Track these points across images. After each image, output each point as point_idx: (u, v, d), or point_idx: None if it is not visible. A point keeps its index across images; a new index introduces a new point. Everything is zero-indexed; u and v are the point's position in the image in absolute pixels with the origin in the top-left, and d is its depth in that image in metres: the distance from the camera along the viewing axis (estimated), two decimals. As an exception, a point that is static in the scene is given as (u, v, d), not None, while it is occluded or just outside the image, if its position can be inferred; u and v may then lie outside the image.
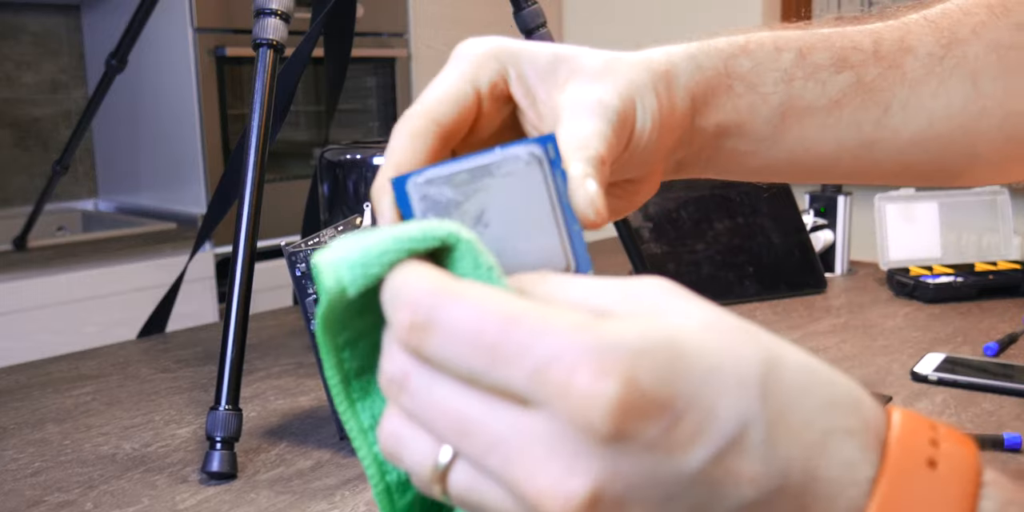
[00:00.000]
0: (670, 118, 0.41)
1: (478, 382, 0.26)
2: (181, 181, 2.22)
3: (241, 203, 0.82)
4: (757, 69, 0.44)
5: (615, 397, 0.24)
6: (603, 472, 0.24)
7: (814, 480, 0.26)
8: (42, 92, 2.33)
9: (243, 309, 0.79)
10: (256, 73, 0.85)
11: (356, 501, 0.69)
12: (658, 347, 0.25)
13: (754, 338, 0.27)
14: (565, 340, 0.24)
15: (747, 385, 0.25)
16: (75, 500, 0.70)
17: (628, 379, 0.24)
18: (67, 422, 0.86)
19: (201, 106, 2.14)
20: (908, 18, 0.48)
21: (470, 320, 0.25)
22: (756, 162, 0.46)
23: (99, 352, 1.07)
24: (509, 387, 0.25)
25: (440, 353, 0.26)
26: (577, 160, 0.35)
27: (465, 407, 0.26)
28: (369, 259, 0.28)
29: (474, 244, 0.29)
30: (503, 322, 0.25)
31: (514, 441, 0.25)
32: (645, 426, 0.24)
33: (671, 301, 0.27)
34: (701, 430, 0.25)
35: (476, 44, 0.40)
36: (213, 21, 2.15)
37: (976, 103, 0.46)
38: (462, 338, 0.25)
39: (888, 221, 1.34)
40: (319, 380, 0.94)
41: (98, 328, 1.81)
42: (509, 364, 0.25)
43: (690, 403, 0.25)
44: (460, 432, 0.26)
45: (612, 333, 0.25)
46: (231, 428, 0.75)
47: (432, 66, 2.61)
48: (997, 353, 1.00)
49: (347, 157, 1.00)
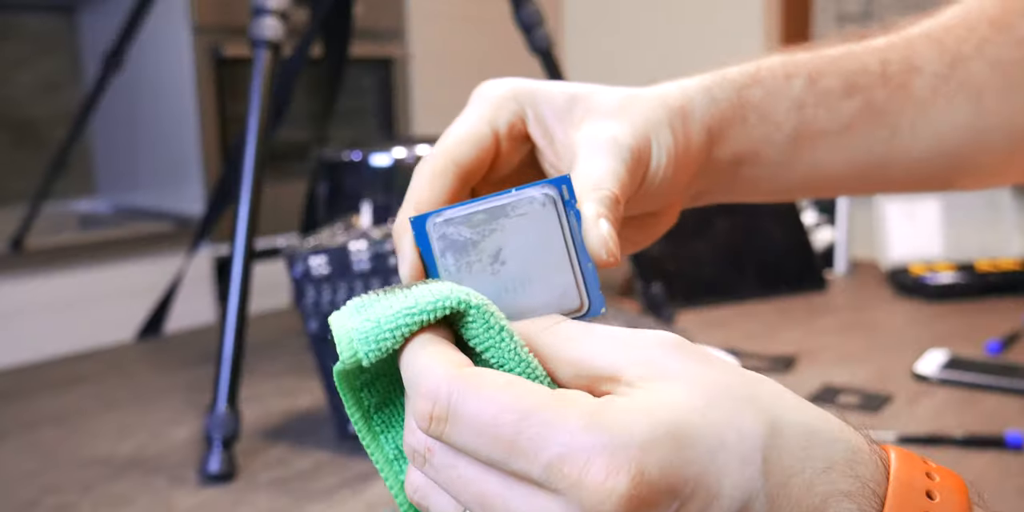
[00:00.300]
0: (686, 153, 0.42)
1: (498, 468, 0.27)
2: (179, 181, 2.21)
3: (239, 203, 0.81)
4: (769, 99, 0.45)
5: (625, 492, 0.26)
6: None
7: None
8: (39, 92, 2.33)
9: (241, 309, 0.79)
10: (254, 73, 0.85)
11: (355, 501, 0.69)
12: (665, 437, 0.26)
13: (755, 406, 0.28)
14: (577, 436, 0.26)
15: (749, 461, 0.27)
16: (73, 502, 0.70)
17: (637, 473, 0.26)
18: (64, 423, 0.85)
19: (199, 106, 2.14)
20: (911, 34, 0.48)
21: (487, 415, 0.27)
22: (771, 185, 0.47)
23: (97, 353, 1.07)
24: (528, 474, 0.27)
25: (460, 442, 0.28)
26: (591, 201, 0.35)
27: (485, 484, 0.28)
28: (382, 334, 0.30)
29: (484, 309, 0.31)
30: (518, 417, 0.27)
31: None
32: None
33: (678, 366, 0.29)
34: (707, 510, 0.26)
35: (495, 86, 0.41)
36: (211, 21, 2.15)
37: (982, 120, 0.48)
38: (480, 431, 0.27)
39: (889, 220, 1.34)
40: (318, 380, 0.93)
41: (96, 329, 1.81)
42: (525, 457, 0.27)
43: (696, 487, 0.26)
44: (481, 504, 0.28)
45: (621, 428, 0.26)
46: (230, 429, 0.74)
47: (431, 66, 2.61)
48: (999, 352, 0.99)
49: (345, 157, 1.00)
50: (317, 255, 0.76)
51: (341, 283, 0.75)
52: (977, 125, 0.48)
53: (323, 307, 0.76)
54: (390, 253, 0.74)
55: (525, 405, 0.27)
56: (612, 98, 0.41)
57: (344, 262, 0.75)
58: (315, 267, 0.76)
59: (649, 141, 0.40)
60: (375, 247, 0.74)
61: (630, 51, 2.96)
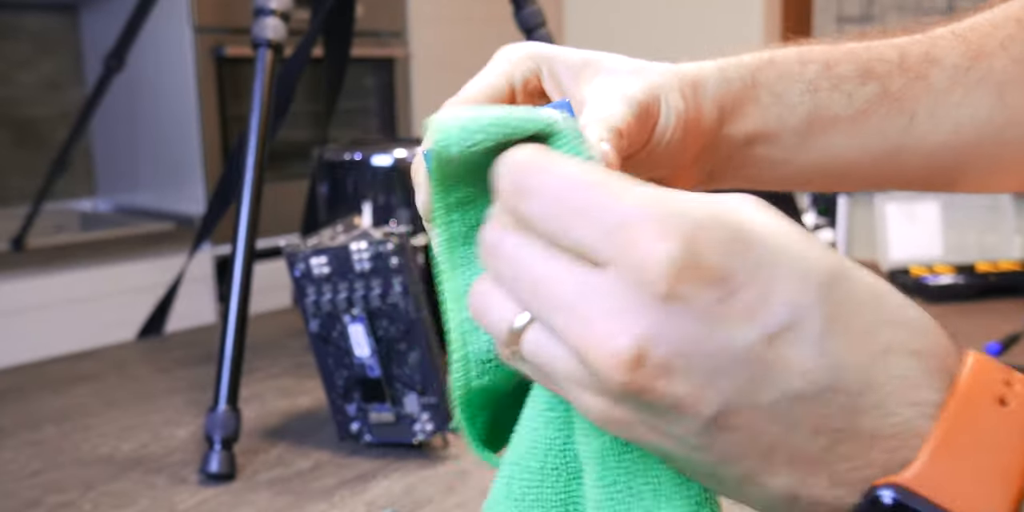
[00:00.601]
0: (696, 122, 0.42)
1: (559, 243, 0.27)
2: (180, 181, 2.21)
3: (240, 203, 0.81)
4: (783, 80, 0.45)
5: (673, 258, 0.25)
6: (652, 330, 0.25)
7: (869, 388, 0.26)
8: (41, 92, 2.33)
9: (242, 309, 0.79)
10: (255, 73, 0.85)
11: (355, 502, 0.69)
12: (724, 224, 0.26)
13: (831, 251, 0.27)
14: (639, 205, 0.26)
15: (810, 280, 0.26)
16: (73, 501, 0.70)
17: (688, 244, 0.25)
18: (65, 423, 0.85)
19: (200, 106, 2.14)
20: (935, 33, 0.49)
21: (559, 185, 0.27)
22: (785, 170, 0.47)
23: (97, 352, 1.07)
24: (584, 246, 0.27)
25: (530, 212, 0.28)
26: (594, 125, 0.37)
27: (544, 268, 0.28)
28: (477, 126, 0.30)
29: (572, 130, 0.31)
30: (587, 188, 0.27)
31: (580, 299, 0.26)
32: (698, 292, 0.25)
33: (752, 206, 0.28)
34: (755, 309, 0.26)
35: (514, 48, 0.43)
36: (212, 21, 2.15)
37: (1002, 114, 0.47)
38: (550, 200, 0.27)
39: (889, 221, 1.34)
40: (318, 380, 0.94)
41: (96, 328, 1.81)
42: (586, 224, 0.27)
43: (747, 281, 0.26)
44: (536, 292, 0.28)
45: (681, 203, 0.26)
46: (230, 429, 0.74)
47: (431, 66, 2.61)
48: (999, 353, 1.00)
49: (346, 157, 1.00)
50: (318, 255, 0.76)
51: (342, 283, 0.76)
52: (997, 119, 0.47)
53: (323, 307, 0.76)
54: (391, 253, 0.74)
55: (595, 179, 0.27)
56: (626, 63, 0.43)
57: (345, 262, 0.75)
58: (316, 267, 0.76)
59: (658, 99, 0.41)
60: (376, 247, 0.74)
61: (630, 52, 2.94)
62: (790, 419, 0.26)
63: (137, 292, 1.84)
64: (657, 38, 2.88)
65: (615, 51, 0.44)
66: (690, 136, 0.42)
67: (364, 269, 0.75)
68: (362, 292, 0.75)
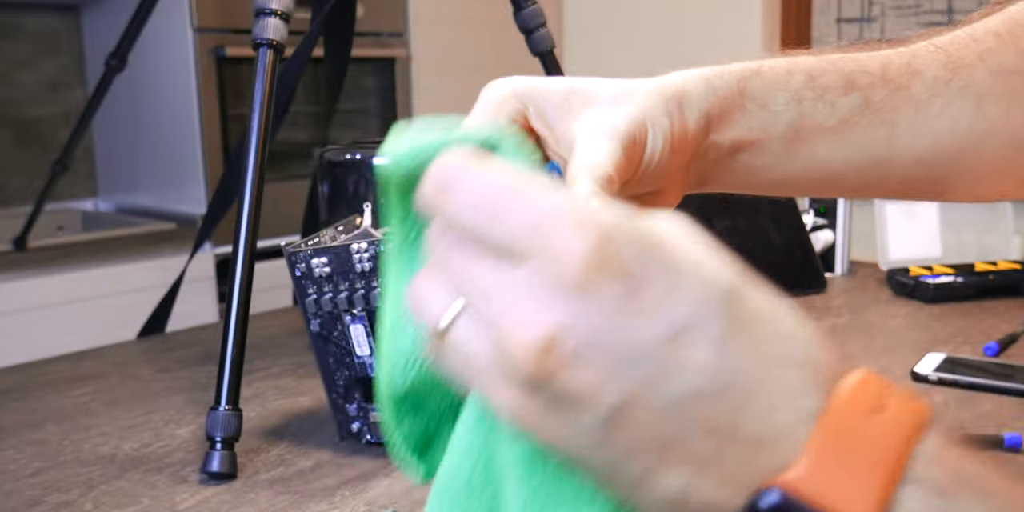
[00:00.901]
0: (682, 138, 0.43)
1: (483, 240, 0.29)
2: (181, 181, 2.22)
3: (241, 203, 0.82)
4: (768, 89, 0.46)
5: (586, 252, 0.27)
6: (563, 320, 0.27)
7: (757, 394, 0.27)
8: (42, 92, 2.33)
9: (243, 309, 0.79)
10: (256, 73, 0.85)
11: (356, 501, 0.69)
12: (638, 227, 0.28)
13: (735, 269, 0.29)
14: (557, 204, 0.28)
15: (714, 288, 0.28)
16: (74, 500, 0.70)
17: (602, 240, 0.27)
18: (66, 422, 0.86)
19: (201, 106, 2.14)
20: (917, 45, 0.50)
21: (479, 184, 0.29)
22: (771, 176, 0.48)
23: (99, 352, 1.07)
24: (505, 242, 0.28)
25: (451, 211, 0.29)
26: (583, 179, 0.38)
27: (469, 263, 0.29)
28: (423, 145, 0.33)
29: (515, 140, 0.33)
30: (507, 188, 0.29)
31: (501, 292, 0.28)
32: (609, 284, 0.27)
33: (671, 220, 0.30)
34: (660, 306, 0.27)
35: (498, 86, 0.44)
36: (213, 21, 2.15)
37: (981, 124, 0.48)
38: (470, 198, 0.29)
39: (888, 221, 1.34)
40: (319, 380, 0.94)
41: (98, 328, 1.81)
42: (507, 221, 0.28)
43: (654, 280, 0.27)
44: (463, 284, 0.29)
45: (600, 207, 0.28)
46: (231, 428, 0.74)
47: (432, 66, 2.61)
48: (997, 353, 1.00)
49: (347, 157, 1.00)
50: (319, 255, 0.76)
51: (342, 283, 0.76)
52: (977, 130, 0.48)
53: (324, 307, 0.77)
54: (391, 253, 0.74)
55: (516, 180, 0.29)
56: (610, 90, 0.43)
57: (346, 262, 0.75)
58: (317, 267, 0.76)
59: (645, 127, 0.42)
60: (376, 247, 0.75)
61: (630, 53, 2.96)
62: (685, 417, 0.27)
63: (138, 292, 1.84)
64: (657, 38, 2.89)
65: (615, 51, 0.44)
66: (677, 152, 0.43)
67: (365, 269, 0.75)
68: (363, 292, 0.75)
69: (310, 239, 0.79)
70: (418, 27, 2.59)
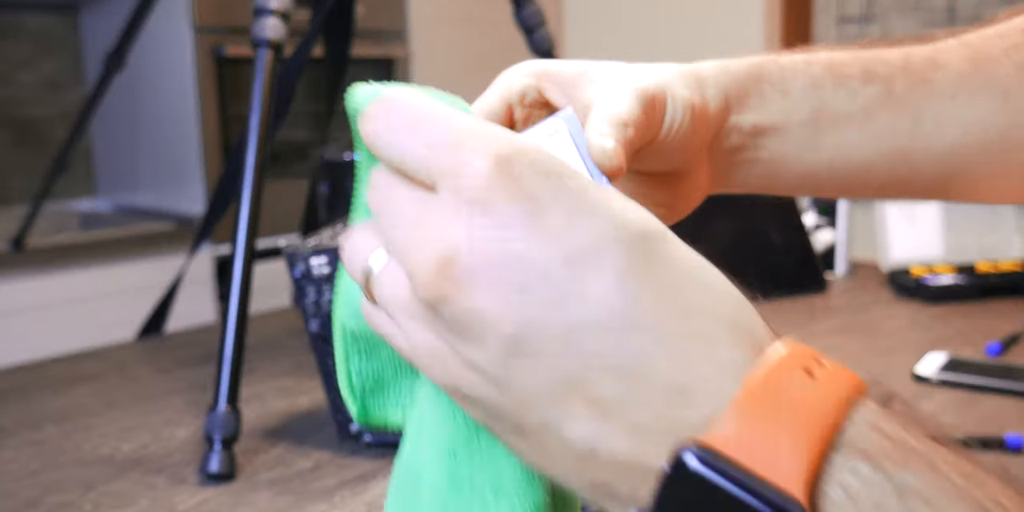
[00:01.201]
0: (703, 112, 0.43)
1: (405, 167, 0.29)
2: (180, 181, 2.21)
3: (240, 203, 0.81)
4: (786, 75, 0.46)
5: (488, 171, 0.27)
6: (460, 238, 0.27)
7: (667, 338, 0.26)
8: (41, 92, 2.33)
9: (242, 309, 0.79)
10: (255, 73, 0.85)
11: (356, 502, 0.69)
12: (549, 156, 0.28)
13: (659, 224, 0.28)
14: (469, 128, 0.28)
15: (623, 228, 0.27)
16: (74, 501, 0.70)
17: (505, 162, 0.27)
18: (65, 423, 0.85)
19: (200, 106, 2.14)
20: (940, 41, 0.49)
21: (404, 110, 0.30)
22: (798, 168, 0.47)
23: (98, 352, 1.07)
24: (420, 164, 0.29)
25: (376, 132, 0.30)
26: (596, 121, 0.38)
27: (389, 192, 0.30)
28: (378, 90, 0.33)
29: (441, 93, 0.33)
30: (428, 114, 0.29)
31: (413, 216, 0.29)
32: (508, 204, 0.27)
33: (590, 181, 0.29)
34: (560, 231, 0.27)
35: (514, 68, 0.44)
36: (213, 21, 2.15)
37: (1008, 117, 0.47)
38: (393, 121, 0.29)
39: (889, 221, 1.34)
40: (319, 380, 0.94)
41: (96, 328, 1.81)
42: (419, 145, 0.29)
43: (557, 206, 0.27)
44: (382, 215, 0.30)
45: (515, 138, 0.28)
46: (230, 429, 0.74)
47: (432, 66, 2.61)
48: (999, 353, 1.00)
49: (346, 157, 1.00)
50: (318, 255, 0.76)
51: (342, 283, 0.76)
52: (1003, 122, 0.47)
53: (324, 307, 0.76)
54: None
55: (435, 109, 0.29)
56: (627, 66, 0.43)
57: (345, 262, 0.75)
58: (316, 267, 0.76)
59: (664, 93, 0.41)
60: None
61: (631, 52, 2.95)
62: (583, 351, 0.26)
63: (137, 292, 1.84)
64: (657, 38, 2.89)
65: (615, 51, 0.44)
66: (698, 124, 0.43)
67: (364, 269, 0.75)
68: (362, 292, 0.75)
69: (309, 239, 0.79)
70: (418, 27, 2.58)
